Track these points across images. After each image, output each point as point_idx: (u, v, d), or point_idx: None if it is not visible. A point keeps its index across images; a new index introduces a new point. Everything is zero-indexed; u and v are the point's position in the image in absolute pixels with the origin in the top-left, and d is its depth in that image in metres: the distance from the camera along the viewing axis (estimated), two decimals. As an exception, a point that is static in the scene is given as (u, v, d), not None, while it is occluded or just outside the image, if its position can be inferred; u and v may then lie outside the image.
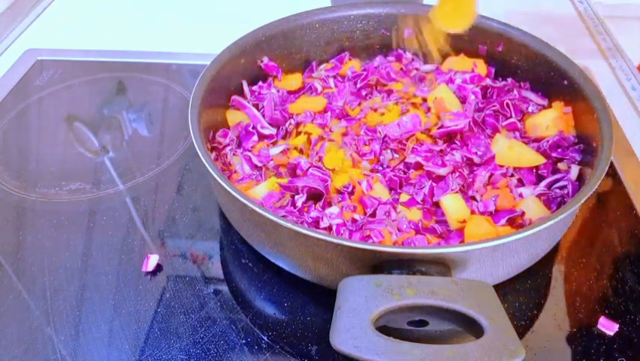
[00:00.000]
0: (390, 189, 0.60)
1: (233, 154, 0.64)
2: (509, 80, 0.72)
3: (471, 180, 0.60)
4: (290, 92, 0.74)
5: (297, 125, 0.67)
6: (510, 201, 0.57)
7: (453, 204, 0.56)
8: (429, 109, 0.69)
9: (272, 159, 0.63)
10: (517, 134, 0.66)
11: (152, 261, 0.60)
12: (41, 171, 0.72)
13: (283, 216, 0.55)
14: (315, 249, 0.49)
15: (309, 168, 0.60)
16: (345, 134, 0.67)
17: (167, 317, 0.55)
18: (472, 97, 0.69)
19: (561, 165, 0.62)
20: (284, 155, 0.64)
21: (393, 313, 0.42)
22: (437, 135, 0.65)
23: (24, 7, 1.06)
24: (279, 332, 0.54)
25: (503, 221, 0.56)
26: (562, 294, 0.57)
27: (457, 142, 0.64)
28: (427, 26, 0.70)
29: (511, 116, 0.67)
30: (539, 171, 0.61)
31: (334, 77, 0.76)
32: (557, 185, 0.59)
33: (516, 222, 0.56)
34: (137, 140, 0.77)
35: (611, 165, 0.70)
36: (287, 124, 0.68)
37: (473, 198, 0.59)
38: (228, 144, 0.65)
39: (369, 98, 0.73)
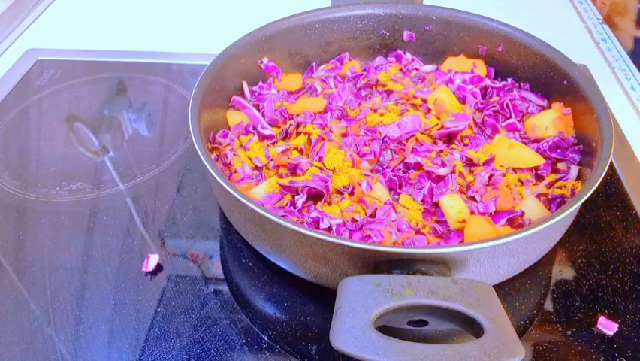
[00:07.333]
0: (390, 189, 0.60)
1: (234, 154, 0.64)
2: (509, 80, 0.72)
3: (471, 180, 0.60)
4: (290, 93, 0.74)
5: (298, 125, 0.67)
6: (510, 202, 0.57)
7: (453, 205, 0.56)
8: (429, 110, 0.69)
9: (272, 159, 0.63)
10: (517, 134, 0.66)
11: (152, 261, 0.60)
12: (41, 171, 0.72)
13: (283, 216, 0.55)
14: (315, 249, 0.49)
15: (310, 168, 0.60)
16: (345, 135, 0.67)
17: (167, 316, 0.55)
18: (472, 97, 0.70)
19: (561, 166, 0.62)
20: (284, 155, 0.64)
21: (393, 313, 0.42)
22: (437, 136, 0.65)
23: (24, 7, 1.06)
24: (279, 332, 0.54)
25: (503, 221, 0.56)
26: (562, 294, 0.57)
27: (457, 142, 0.64)
28: None
29: (510, 117, 0.67)
30: (539, 172, 0.61)
31: (334, 77, 0.76)
32: (557, 185, 0.59)
33: (516, 222, 0.56)
34: (137, 140, 0.77)
35: (611, 165, 0.70)
36: (287, 125, 0.68)
37: (473, 198, 0.59)
38: (229, 144, 0.65)
39: (369, 98, 0.73)
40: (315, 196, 0.58)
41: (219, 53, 0.67)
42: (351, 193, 0.58)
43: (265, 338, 0.53)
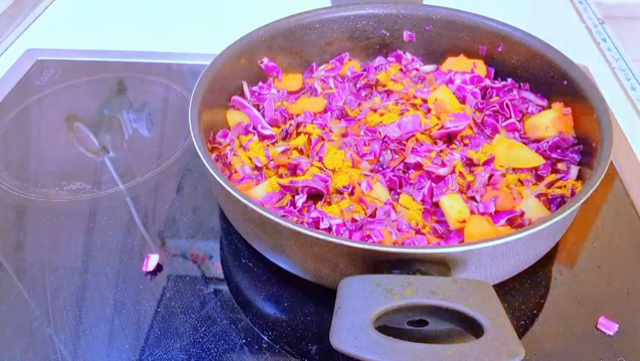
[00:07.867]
0: (390, 189, 0.60)
1: (234, 154, 0.64)
2: (509, 80, 0.72)
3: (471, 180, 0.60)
4: (290, 93, 0.74)
5: (298, 125, 0.67)
6: (510, 202, 0.57)
7: (453, 205, 0.56)
8: (429, 110, 0.69)
9: (272, 159, 0.63)
10: (517, 134, 0.66)
11: (152, 261, 0.60)
12: (41, 171, 0.72)
13: (283, 216, 0.55)
14: (315, 249, 0.49)
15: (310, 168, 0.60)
16: (345, 135, 0.67)
17: (167, 316, 0.55)
18: (472, 97, 0.70)
19: (561, 166, 0.62)
20: (284, 155, 0.64)
21: (393, 313, 0.42)
22: (437, 136, 0.65)
23: (24, 7, 1.06)
24: (279, 332, 0.54)
25: (503, 221, 0.56)
26: (562, 294, 0.57)
27: (457, 142, 0.64)
28: None
29: (510, 117, 0.67)
30: (539, 172, 0.61)
31: (334, 77, 0.76)
32: (557, 185, 0.59)
33: (516, 222, 0.56)
34: (137, 140, 0.77)
35: (611, 165, 0.70)
36: (287, 125, 0.68)
37: (473, 198, 0.59)
38: (229, 144, 0.65)
39: (369, 98, 0.73)
40: (315, 196, 0.58)
41: (219, 53, 0.67)
42: (351, 193, 0.58)
43: (265, 338, 0.53)
